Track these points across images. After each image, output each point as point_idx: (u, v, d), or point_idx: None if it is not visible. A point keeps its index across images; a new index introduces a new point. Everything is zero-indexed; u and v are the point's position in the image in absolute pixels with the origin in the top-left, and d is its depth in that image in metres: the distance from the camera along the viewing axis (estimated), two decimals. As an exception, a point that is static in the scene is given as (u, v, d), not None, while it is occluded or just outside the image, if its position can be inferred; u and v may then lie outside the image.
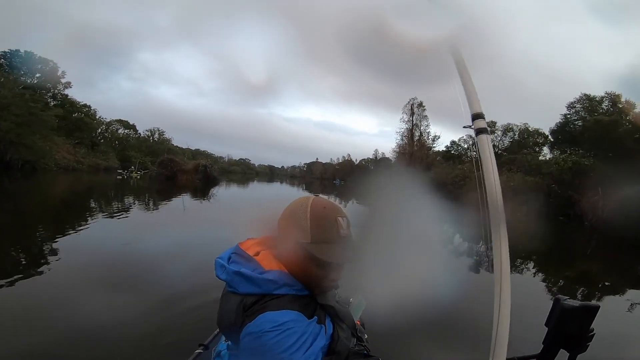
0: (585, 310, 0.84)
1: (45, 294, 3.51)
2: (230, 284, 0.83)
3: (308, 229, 0.83)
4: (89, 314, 2.80)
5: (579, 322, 0.84)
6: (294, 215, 0.86)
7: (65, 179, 26.53)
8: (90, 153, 48.00)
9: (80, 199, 14.68)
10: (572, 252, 10.69)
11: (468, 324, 3.12)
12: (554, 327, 0.87)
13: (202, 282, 3.67)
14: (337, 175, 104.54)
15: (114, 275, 4.06)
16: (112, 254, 5.09)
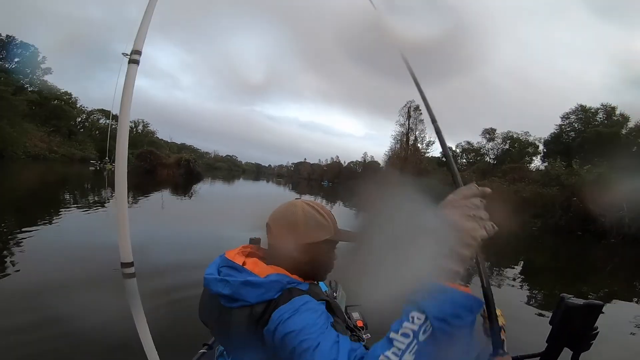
0: (589, 308, 0.83)
1: (46, 291, 3.54)
2: (236, 296, 0.76)
3: (330, 224, 0.87)
4: (93, 312, 2.78)
5: (582, 320, 0.84)
6: (301, 218, 0.85)
7: (33, 169, 24.49)
8: (66, 142, 45.15)
9: (39, 194, 13.08)
10: (590, 267, 10.16)
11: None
12: (557, 325, 0.86)
13: (201, 280, 2.88)
14: (325, 176, 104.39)
15: (109, 273, 3.65)
16: (104, 251, 4.60)
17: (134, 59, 1.17)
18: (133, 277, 1.15)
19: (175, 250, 5.68)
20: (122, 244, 1.14)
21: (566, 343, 0.87)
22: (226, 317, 0.77)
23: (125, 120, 1.17)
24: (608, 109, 33.22)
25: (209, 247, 6.02)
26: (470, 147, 40.42)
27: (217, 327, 0.83)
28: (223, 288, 0.77)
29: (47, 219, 7.46)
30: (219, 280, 0.79)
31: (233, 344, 0.82)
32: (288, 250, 0.83)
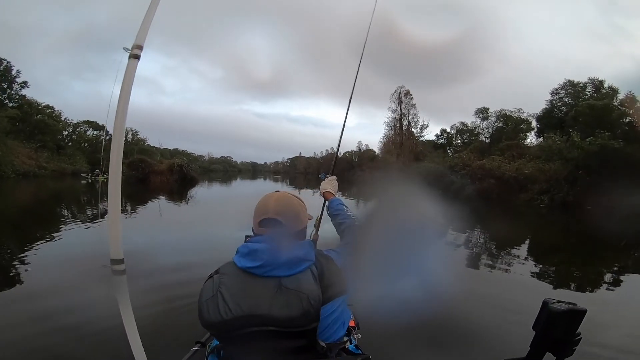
0: (572, 314, 0.82)
1: (34, 288, 3.78)
2: (308, 256, 0.93)
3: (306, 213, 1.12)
4: (84, 310, 2.89)
5: (565, 326, 0.83)
6: (300, 207, 1.08)
7: (24, 187, 23.93)
8: (54, 157, 44.23)
9: (35, 211, 12.72)
10: (603, 242, 9.76)
11: (463, 323, 3.23)
12: (540, 330, 0.87)
13: (197, 279, 2.88)
14: (321, 169, 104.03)
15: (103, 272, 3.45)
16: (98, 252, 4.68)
17: (135, 54, 1.15)
18: (123, 275, 1.13)
19: (173, 253, 5.71)
20: (113, 240, 1.12)
21: (549, 348, 0.87)
22: (292, 283, 0.87)
23: (123, 115, 1.14)
24: (596, 82, 33.23)
25: (205, 248, 6.09)
26: (465, 127, 40.17)
27: (270, 305, 0.85)
28: (298, 251, 0.92)
29: (48, 235, 7.22)
30: (293, 246, 0.92)
31: (296, 311, 0.85)
32: (298, 234, 1.03)
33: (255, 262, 0.90)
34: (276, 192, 1.06)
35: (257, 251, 0.91)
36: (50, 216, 11.16)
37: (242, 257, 0.94)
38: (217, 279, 0.93)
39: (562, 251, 8.52)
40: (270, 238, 0.95)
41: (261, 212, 1.02)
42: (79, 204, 15.80)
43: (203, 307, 0.90)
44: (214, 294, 0.89)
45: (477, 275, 5.68)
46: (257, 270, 0.90)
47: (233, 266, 0.95)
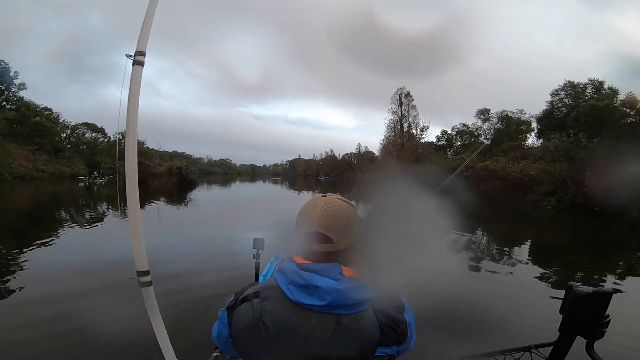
0: (598, 296, 0.82)
1: (53, 296, 3.75)
2: (368, 297, 0.78)
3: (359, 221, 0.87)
4: (106, 317, 2.86)
5: (592, 308, 0.83)
6: (350, 216, 0.84)
7: (21, 190, 23.66)
8: (52, 159, 43.90)
9: (34, 214, 12.39)
10: (611, 245, 9.88)
11: (467, 318, 3.25)
12: (568, 314, 0.86)
13: (217, 283, 3.94)
14: (320, 171, 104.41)
15: (122, 279, 3.44)
16: (115, 258, 4.76)
17: (138, 60, 1.15)
18: (150, 286, 1.14)
19: (177, 259, 5.61)
20: (137, 253, 1.13)
21: (579, 331, 0.86)
22: (353, 322, 0.76)
23: (134, 122, 1.16)
24: (596, 83, 33.23)
25: (214, 252, 6.08)
26: (466, 128, 40.04)
27: (327, 344, 0.75)
28: (364, 293, 0.77)
29: (49, 238, 7.04)
30: (360, 287, 0.77)
31: (354, 352, 0.76)
32: (349, 251, 0.83)
33: (317, 300, 0.75)
34: (323, 198, 0.86)
35: (319, 288, 0.75)
36: (50, 219, 10.91)
37: (297, 288, 0.77)
38: (258, 305, 0.78)
39: (573, 251, 8.44)
40: (332, 269, 0.78)
41: (306, 223, 0.83)
42: (77, 207, 15.52)
43: (240, 337, 0.78)
44: (255, 323, 0.76)
45: (485, 272, 5.77)
46: (315, 308, 0.76)
47: (278, 292, 0.79)
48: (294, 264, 0.80)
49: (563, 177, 14.77)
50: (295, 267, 0.79)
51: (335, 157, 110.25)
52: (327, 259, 0.80)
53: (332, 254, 0.80)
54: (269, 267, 2.41)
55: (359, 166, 78.39)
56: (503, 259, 6.85)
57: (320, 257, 0.80)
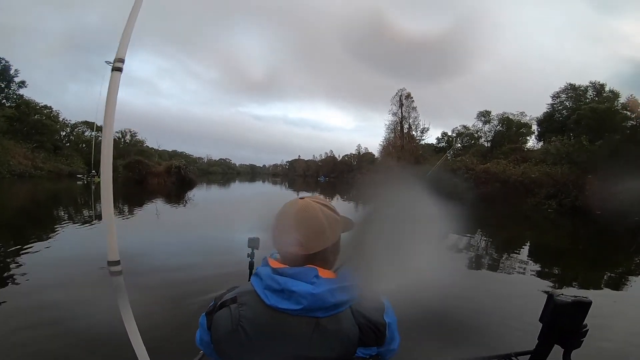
0: (577, 305, 0.82)
1: (40, 294, 3.75)
2: (348, 298, 0.78)
3: (339, 216, 0.87)
4: (93, 314, 2.82)
5: (572, 317, 0.83)
6: (324, 222, 0.83)
7: (20, 188, 23.63)
8: (52, 157, 43.73)
9: (33, 212, 12.35)
10: (612, 248, 9.95)
11: (470, 319, 3.34)
12: (547, 322, 0.86)
13: (205, 281, 4.01)
14: (320, 171, 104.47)
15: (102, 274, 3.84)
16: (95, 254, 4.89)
17: (117, 66, 1.20)
18: (120, 275, 1.17)
19: (175, 256, 5.60)
20: (110, 242, 1.16)
21: (557, 340, 0.86)
22: (332, 324, 0.75)
23: (110, 128, 1.20)
24: (597, 86, 33.20)
25: (208, 251, 6.03)
26: (466, 130, 39.89)
27: (307, 346, 0.75)
28: (340, 295, 0.76)
29: (46, 236, 7.09)
30: (335, 289, 0.76)
31: (335, 352, 0.76)
32: (326, 253, 0.83)
33: (293, 305, 0.75)
34: (300, 200, 0.85)
35: (294, 293, 0.75)
36: (48, 217, 10.87)
37: (273, 293, 0.77)
38: (236, 311, 0.78)
39: (574, 254, 8.43)
40: (307, 273, 0.77)
41: (280, 226, 0.84)
42: (75, 205, 15.43)
43: (221, 342, 0.78)
44: (234, 328, 0.76)
45: (484, 274, 5.70)
46: (292, 312, 0.75)
47: (255, 297, 0.78)
48: (269, 268, 0.80)
49: (564, 180, 14.63)
50: (270, 272, 0.79)
51: (335, 158, 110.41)
52: (303, 262, 0.80)
53: (307, 257, 0.79)
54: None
55: (359, 167, 78.30)
56: (497, 263, 6.79)
57: (295, 260, 0.80)
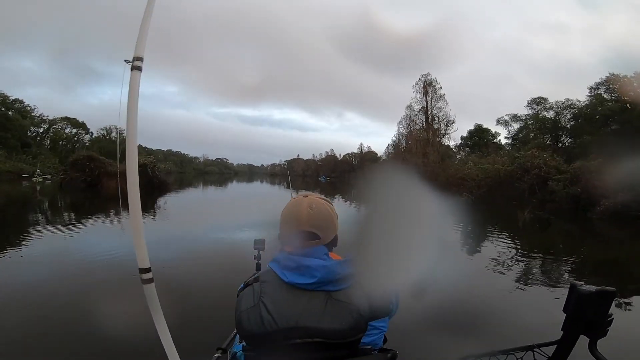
0: (601, 295, 0.82)
1: (58, 293, 3.80)
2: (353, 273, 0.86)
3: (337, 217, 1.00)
4: (106, 316, 2.84)
5: (596, 307, 0.83)
6: (332, 214, 0.97)
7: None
8: (14, 156, 37.69)
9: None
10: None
11: (470, 317, 3.26)
12: (571, 313, 0.87)
13: (219, 284, 4.02)
14: (320, 171, 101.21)
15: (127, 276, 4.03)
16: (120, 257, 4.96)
17: (137, 65, 1.20)
18: (151, 283, 1.17)
19: (183, 259, 5.62)
20: (139, 250, 1.17)
21: (582, 330, 0.86)
22: (342, 296, 0.84)
23: (133, 128, 1.20)
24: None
25: (219, 251, 6.25)
26: (527, 119, 32.47)
27: (320, 318, 0.82)
28: (349, 268, 0.85)
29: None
30: (343, 262, 0.87)
31: (346, 324, 0.83)
32: (332, 243, 0.97)
33: (308, 279, 0.85)
34: (305, 198, 0.96)
35: (309, 267, 0.86)
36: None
37: (289, 271, 0.87)
38: (258, 288, 0.88)
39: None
40: (318, 252, 0.90)
41: (293, 223, 0.93)
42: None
43: (243, 317, 0.85)
44: (256, 303, 0.85)
45: (496, 269, 5.51)
46: (308, 286, 0.85)
47: (275, 276, 0.89)
48: (285, 252, 0.91)
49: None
50: (287, 254, 0.90)
51: (335, 157, 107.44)
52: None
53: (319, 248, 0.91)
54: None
55: (361, 167, 74.89)
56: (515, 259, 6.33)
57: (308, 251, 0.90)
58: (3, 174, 31.75)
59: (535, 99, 31.60)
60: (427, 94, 36.12)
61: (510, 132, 33.28)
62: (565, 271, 5.77)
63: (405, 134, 38.30)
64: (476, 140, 36.06)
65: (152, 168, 18.68)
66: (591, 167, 12.84)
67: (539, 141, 27.17)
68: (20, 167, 35.67)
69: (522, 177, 16.75)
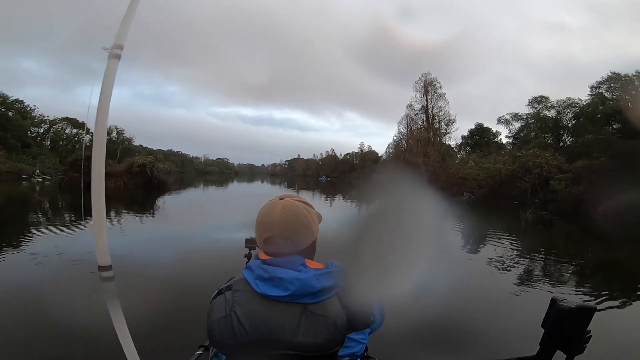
0: (581, 311, 0.81)
1: (34, 292, 3.81)
2: (335, 283, 0.82)
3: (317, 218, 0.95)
4: (87, 313, 2.61)
5: (575, 323, 0.82)
6: (310, 218, 0.90)
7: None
8: (14, 156, 37.71)
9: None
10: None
11: (463, 323, 3.27)
12: (550, 328, 0.85)
13: (200, 283, 3.90)
14: (320, 171, 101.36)
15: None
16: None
17: (116, 53, 1.13)
18: (111, 281, 1.13)
19: (168, 254, 5.76)
20: (99, 247, 1.13)
21: (559, 346, 0.85)
22: (319, 309, 0.79)
23: (103, 121, 1.14)
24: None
25: (202, 250, 6.29)
26: (528, 117, 32.26)
27: (295, 331, 0.79)
28: (326, 281, 0.81)
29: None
30: (320, 275, 0.81)
31: (322, 338, 0.79)
32: (310, 249, 0.91)
33: (281, 291, 0.80)
34: (280, 201, 0.90)
35: (282, 280, 0.81)
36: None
37: (262, 282, 0.83)
38: (230, 297, 0.83)
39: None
40: (294, 262, 0.84)
41: (265, 227, 0.88)
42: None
43: (214, 327, 0.81)
44: (227, 313, 0.81)
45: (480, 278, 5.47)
46: (281, 299, 0.81)
47: (247, 285, 0.84)
48: (259, 260, 0.86)
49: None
50: (260, 263, 0.85)
51: (336, 156, 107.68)
52: (291, 255, 0.85)
53: (295, 253, 0.86)
54: None
55: (362, 166, 74.83)
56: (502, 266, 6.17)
57: (283, 255, 0.85)
58: (3, 175, 31.74)
59: (537, 98, 31.42)
60: (428, 93, 36.03)
61: (511, 131, 33.12)
62: (565, 277, 5.67)
63: (406, 134, 38.18)
64: (477, 139, 35.96)
65: (151, 168, 18.60)
66: (594, 166, 12.75)
67: (540, 140, 26.96)
68: (19, 167, 35.69)
69: (524, 177, 16.63)
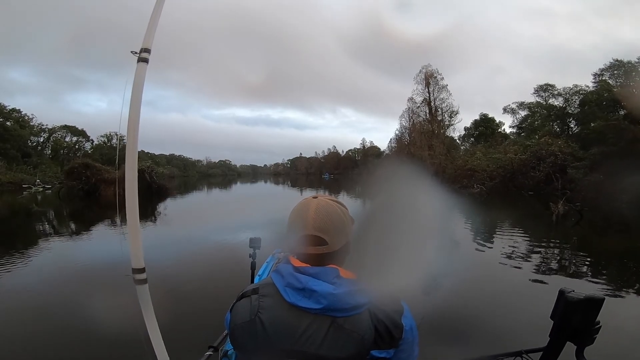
0: (589, 302, 0.81)
1: (49, 296, 4.02)
2: (365, 300, 0.78)
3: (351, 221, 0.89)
4: (98, 314, 2.88)
5: (584, 314, 0.82)
6: (344, 218, 0.84)
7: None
8: (14, 167, 37.48)
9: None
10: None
11: (458, 322, 3.19)
12: (559, 320, 0.86)
13: (206, 284, 4.17)
14: (323, 168, 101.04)
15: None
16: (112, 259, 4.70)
17: (144, 57, 1.16)
18: (145, 283, 1.13)
19: (177, 258, 5.81)
20: (134, 250, 1.13)
21: (569, 337, 0.85)
22: (348, 323, 0.76)
23: (135, 126, 1.14)
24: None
25: (212, 250, 6.39)
26: (536, 106, 31.50)
27: (320, 344, 0.76)
28: (360, 298, 0.77)
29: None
30: (355, 292, 0.77)
31: (347, 352, 0.76)
32: (344, 251, 0.84)
33: (312, 304, 0.76)
34: (314, 199, 0.85)
35: (315, 292, 0.76)
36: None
37: (294, 291, 0.78)
38: (256, 302, 0.80)
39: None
40: (327, 273, 0.78)
41: (298, 225, 0.82)
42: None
43: (237, 332, 0.79)
44: (252, 318, 0.78)
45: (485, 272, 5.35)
46: (311, 311, 0.76)
47: (276, 291, 0.80)
48: (291, 266, 0.81)
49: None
50: (292, 270, 0.80)
51: (338, 153, 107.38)
52: (323, 260, 0.80)
53: (327, 255, 0.80)
54: (265, 267, 2.44)
55: (364, 162, 74.44)
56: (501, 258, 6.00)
57: (315, 259, 0.80)
58: (4, 185, 31.47)
59: (542, 86, 30.76)
60: (429, 85, 35.23)
61: (515, 120, 32.34)
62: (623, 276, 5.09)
63: (409, 127, 37.45)
64: (482, 130, 35.23)
65: (149, 173, 18.10)
66: (611, 153, 12.11)
67: (548, 128, 26.21)
68: (20, 177, 35.42)
69: (537, 166, 15.99)
